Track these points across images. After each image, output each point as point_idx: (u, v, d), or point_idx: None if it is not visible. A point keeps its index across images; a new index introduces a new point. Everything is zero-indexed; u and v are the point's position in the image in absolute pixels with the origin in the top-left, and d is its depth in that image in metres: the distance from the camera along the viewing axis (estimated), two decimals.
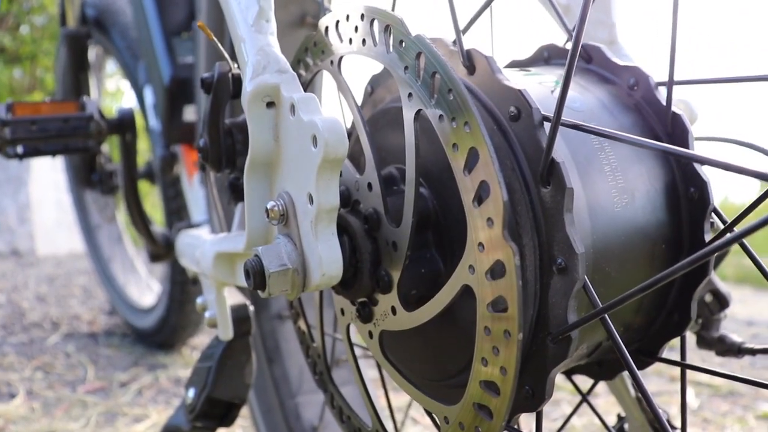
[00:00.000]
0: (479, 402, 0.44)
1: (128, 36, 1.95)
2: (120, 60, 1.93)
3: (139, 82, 1.70)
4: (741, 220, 0.53)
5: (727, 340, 0.69)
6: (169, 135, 1.52)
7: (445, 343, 0.54)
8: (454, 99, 0.42)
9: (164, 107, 1.48)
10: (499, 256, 0.40)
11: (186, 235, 1.18)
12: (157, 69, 1.48)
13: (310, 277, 0.52)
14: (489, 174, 0.40)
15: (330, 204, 0.49)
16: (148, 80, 1.61)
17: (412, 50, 0.46)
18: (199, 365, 0.86)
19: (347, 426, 0.65)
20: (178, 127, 1.51)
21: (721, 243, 0.40)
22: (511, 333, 0.40)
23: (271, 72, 0.54)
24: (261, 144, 0.55)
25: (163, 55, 1.47)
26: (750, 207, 0.52)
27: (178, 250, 1.19)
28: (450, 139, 0.43)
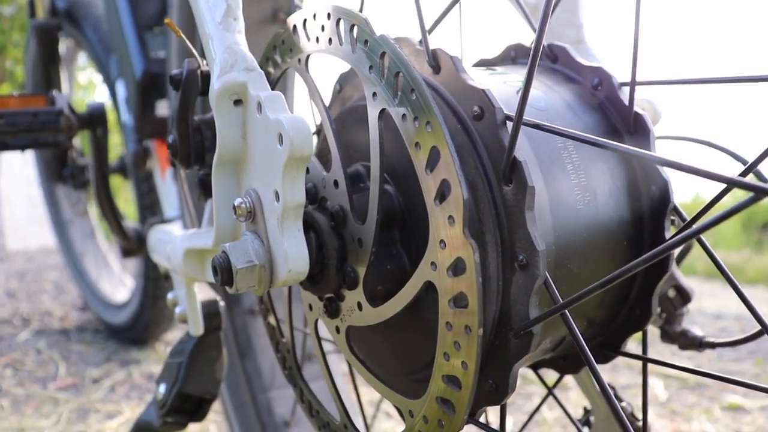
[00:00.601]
0: (442, 396, 0.45)
1: (101, 29, 1.93)
2: (92, 53, 1.91)
3: (112, 76, 1.68)
4: (700, 217, 0.55)
5: (689, 334, 0.71)
6: (141, 130, 1.51)
7: (409, 338, 0.55)
8: (416, 99, 0.43)
9: (136, 102, 1.46)
10: (460, 253, 0.41)
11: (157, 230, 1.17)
12: (129, 63, 1.47)
13: (277, 274, 0.52)
14: (450, 173, 0.41)
15: (296, 201, 0.50)
16: (121, 74, 1.59)
17: (377, 50, 0.47)
18: (169, 361, 0.86)
19: (316, 420, 0.65)
20: (150, 122, 1.49)
21: (679, 239, 0.42)
22: (472, 328, 0.41)
23: (239, 70, 0.54)
24: (228, 141, 0.55)
25: (135, 50, 1.45)
26: (708, 205, 0.53)
27: (149, 246, 1.18)
28: (413, 138, 0.44)
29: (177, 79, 0.65)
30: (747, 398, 1.77)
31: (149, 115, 1.48)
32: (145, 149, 1.57)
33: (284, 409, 1.10)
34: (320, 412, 0.65)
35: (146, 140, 1.56)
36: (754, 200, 0.37)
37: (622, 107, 0.58)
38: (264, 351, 1.13)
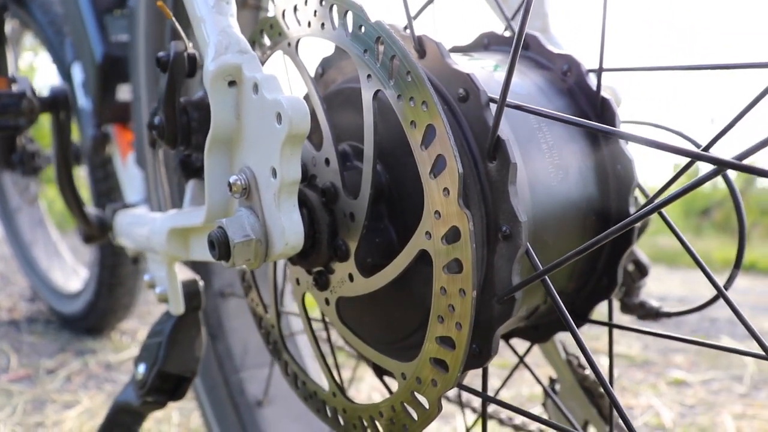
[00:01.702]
0: (435, 357, 0.49)
1: (51, 11, 1.88)
2: (41, 35, 1.86)
3: (67, 59, 1.64)
4: (661, 194, 0.60)
5: (646, 305, 0.77)
6: (100, 114, 1.49)
7: (395, 308, 0.58)
8: (412, 80, 0.46)
9: (96, 86, 1.44)
10: (455, 222, 0.45)
11: (126, 214, 1.17)
12: (89, 46, 1.44)
13: (273, 247, 0.55)
14: (445, 148, 0.45)
15: (292, 177, 0.52)
16: (77, 57, 1.56)
17: (372, 35, 0.49)
18: (148, 341, 0.87)
19: (302, 391, 0.68)
20: (110, 107, 1.47)
21: (644, 212, 0.46)
22: (466, 291, 0.45)
23: (233, 52, 0.56)
24: (223, 121, 0.57)
25: (94, 33, 1.43)
26: (669, 182, 0.59)
27: (117, 230, 1.18)
28: (408, 117, 0.47)
29: (164, 61, 0.66)
30: (689, 373, 1.89)
31: (109, 100, 1.46)
32: (104, 134, 1.55)
33: (256, 389, 1.12)
34: (306, 382, 0.68)
35: (105, 125, 1.54)
36: (716, 173, 0.41)
37: (589, 92, 0.63)
38: (234, 332, 1.15)
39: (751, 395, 1.73)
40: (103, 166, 1.93)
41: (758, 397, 1.71)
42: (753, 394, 1.73)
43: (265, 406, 1.11)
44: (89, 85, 1.50)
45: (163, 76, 0.67)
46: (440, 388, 0.50)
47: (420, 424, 0.53)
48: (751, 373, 1.87)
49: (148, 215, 0.90)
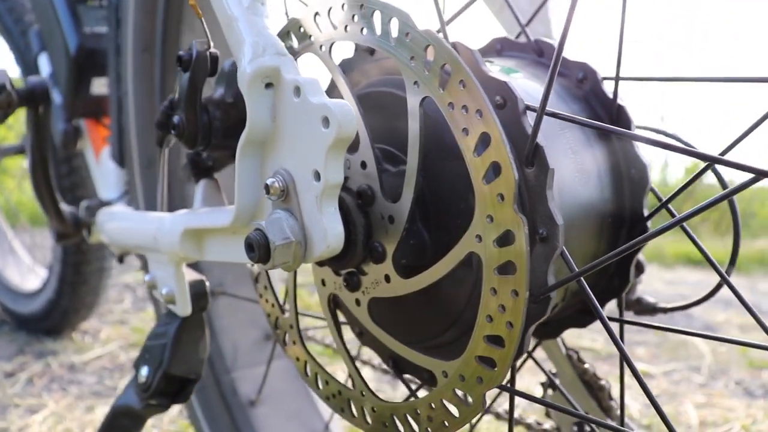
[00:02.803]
0: (482, 355, 0.51)
1: None
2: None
3: (32, 49, 1.58)
4: (674, 198, 0.64)
5: (643, 301, 0.81)
6: (72, 108, 1.44)
7: (427, 307, 0.59)
8: (465, 89, 0.48)
9: (69, 79, 1.39)
10: (509, 226, 0.47)
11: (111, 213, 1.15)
12: (61, 37, 1.39)
13: (312, 249, 0.55)
14: (501, 156, 0.46)
15: (336, 180, 0.53)
16: (46, 48, 1.50)
17: (420, 42, 0.51)
18: (151, 343, 0.85)
19: (324, 390, 0.69)
20: (84, 100, 1.43)
21: (672, 223, 0.49)
22: (519, 292, 0.47)
23: (271, 54, 0.56)
24: (259, 123, 0.57)
25: (67, 23, 1.38)
26: (683, 186, 0.62)
27: (100, 229, 1.15)
28: (460, 124, 0.49)
29: (186, 60, 0.65)
30: (651, 365, 1.97)
31: (83, 93, 1.42)
32: (76, 129, 1.50)
33: (249, 389, 1.11)
34: (330, 381, 0.68)
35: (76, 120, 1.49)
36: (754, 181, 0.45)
37: (605, 99, 0.65)
38: (225, 333, 1.14)
39: (709, 385, 1.82)
40: (68, 161, 1.87)
41: (716, 387, 1.81)
42: (711, 384, 1.83)
43: (257, 406, 1.10)
44: (60, 77, 1.45)
45: (182, 74, 0.66)
46: (486, 385, 0.51)
47: (461, 420, 0.54)
48: (708, 363, 1.97)
49: (146, 215, 0.88)
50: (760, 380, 1.84)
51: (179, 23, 1.04)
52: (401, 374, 0.71)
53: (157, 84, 1.08)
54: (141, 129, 1.12)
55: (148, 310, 2.45)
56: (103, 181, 1.44)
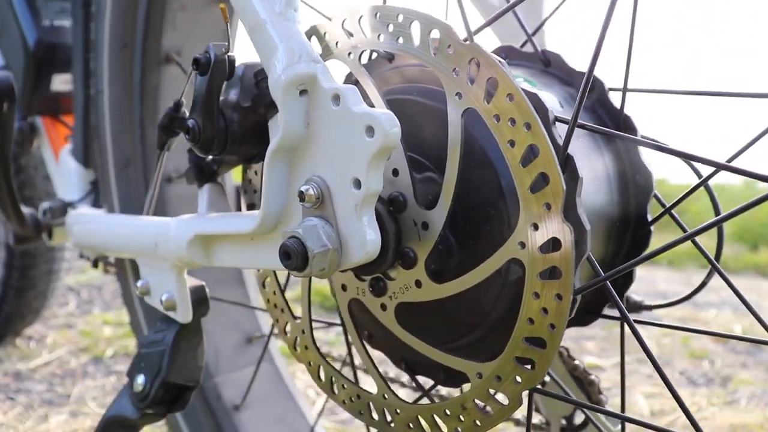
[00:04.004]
0: (522, 356, 0.53)
1: None
2: None
3: None
4: (677, 204, 0.68)
5: (630, 299, 0.85)
6: (29, 105, 1.37)
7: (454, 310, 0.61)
8: (514, 103, 0.50)
9: (28, 74, 1.32)
10: (556, 234, 0.49)
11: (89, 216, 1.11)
12: (17, 29, 1.32)
13: (349, 257, 0.56)
14: (549, 167, 0.49)
15: (377, 188, 0.54)
16: None
17: (465, 55, 0.52)
18: (146, 351, 0.83)
19: (341, 395, 0.69)
20: (42, 97, 1.36)
21: (687, 235, 0.53)
22: (563, 296, 0.49)
23: (307, 61, 0.56)
24: (293, 130, 0.57)
25: (25, 16, 1.31)
26: (685, 194, 0.67)
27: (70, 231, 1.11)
28: (506, 137, 0.50)
29: (204, 63, 0.64)
30: (601, 358, 2.06)
31: (42, 90, 1.35)
32: (32, 126, 1.43)
33: (233, 394, 1.10)
34: (347, 385, 0.69)
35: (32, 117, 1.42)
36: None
37: (611, 109, 0.69)
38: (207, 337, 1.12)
39: (656, 376, 1.92)
40: (15, 160, 1.78)
41: None
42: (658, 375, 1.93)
43: (242, 410, 1.09)
44: (16, 73, 1.38)
45: (197, 77, 0.65)
46: (524, 385, 0.53)
47: (494, 420, 0.56)
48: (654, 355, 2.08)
49: (141, 219, 0.86)
50: (701, 370, 1.96)
51: (161, 20, 1.01)
52: (414, 375, 0.72)
53: (136, 82, 1.04)
54: (117, 129, 1.08)
55: (95, 313, 2.36)
56: (64, 182, 1.38)
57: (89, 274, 2.69)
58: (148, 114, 1.06)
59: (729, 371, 1.94)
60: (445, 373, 0.68)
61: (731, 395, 1.78)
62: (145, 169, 1.09)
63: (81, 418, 1.62)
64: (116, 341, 2.07)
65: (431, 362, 0.68)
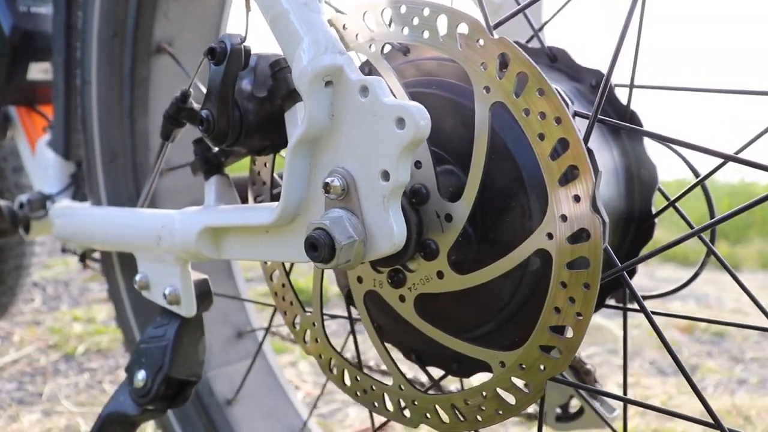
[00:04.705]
0: (547, 344, 0.54)
1: None
2: None
3: None
4: (681, 198, 0.70)
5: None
6: (4, 94, 1.32)
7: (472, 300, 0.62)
8: (544, 98, 0.51)
9: (2, 62, 1.28)
10: (585, 225, 0.50)
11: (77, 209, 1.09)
12: None
13: (375, 248, 0.56)
14: (579, 160, 0.50)
15: (405, 180, 0.54)
16: None
17: (493, 50, 0.53)
18: (147, 346, 0.82)
19: (353, 387, 0.70)
20: (18, 87, 1.32)
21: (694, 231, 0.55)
22: (591, 284, 0.51)
23: (333, 53, 0.56)
24: (317, 122, 0.57)
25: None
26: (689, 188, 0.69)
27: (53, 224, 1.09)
28: (536, 130, 0.52)
29: (220, 53, 0.63)
30: None
31: (18, 79, 1.31)
32: (6, 116, 1.38)
33: (225, 388, 1.09)
34: (360, 378, 0.69)
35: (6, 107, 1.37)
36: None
37: (618, 105, 0.71)
38: None
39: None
40: None
41: (633, 367, 1.97)
42: (629, 365, 1.99)
43: (234, 405, 1.08)
44: None
45: (213, 67, 0.64)
46: (548, 373, 0.55)
47: (516, 408, 0.57)
48: None
49: (140, 212, 0.84)
50: (670, 360, 2.03)
51: (153, 10, 0.99)
52: (425, 367, 0.73)
53: (126, 73, 1.02)
54: (105, 121, 1.05)
55: (63, 309, 2.30)
56: (41, 174, 1.34)
57: (54, 270, 2.61)
58: (138, 105, 1.04)
59: (696, 360, 2.02)
60: (458, 363, 0.69)
61: (699, 383, 1.84)
62: (134, 162, 1.06)
63: (55, 417, 1.58)
64: (87, 338, 2.02)
65: (443, 353, 0.69)
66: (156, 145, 1.07)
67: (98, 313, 2.21)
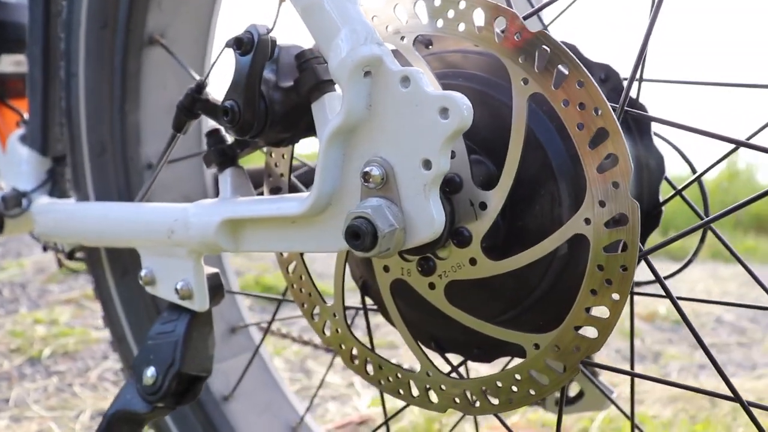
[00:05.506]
0: (583, 325, 0.56)
1: None
2: None
3: None
4: (687, 187, 0.74)
5: None
6: None
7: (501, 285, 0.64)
8: (584, 89, 0.53)
9: None
10: (623, 210, 0.53)
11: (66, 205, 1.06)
12: None
13: (415, 235, 0.57)
14: (619, 149, 0.52)
15: (446, 168, 0.55)
16: None
17: (535, 43, 0.55)
18: (155, 342, 0.80)
19: (376, 376, 0.71)
20: None
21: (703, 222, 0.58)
22: (629, 267, 0.53)
23: (372, 43, 0.57)
24: (356, 112, 0.57)
25: None
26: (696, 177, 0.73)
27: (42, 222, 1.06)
28: (575, 120, 0.54)
29: (248, 43, 0.63)
30: None
31: None
32: None
33: (221, 385, 1.08)
34: (384, 366, 0.70)
35: None
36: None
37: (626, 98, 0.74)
38: None
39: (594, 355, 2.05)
40: None
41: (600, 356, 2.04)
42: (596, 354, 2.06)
43: (230, 401, 1.07)
44: None
45: (240, 58, 0.64)
46: (583, 353, 0.57)
47: (549, 388, 0.60)
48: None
49: (144, 206, 0.83)
50: (637, 348, 2.11)
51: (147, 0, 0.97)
52: (444, 353, 0.74)
53: (117, 65, 0.99)
54: (94, 114, 1.02)
55: (22, 312, 2.21)
56: (14, 171, 1.28)
57: (9, 272, 2.51)
58: (130, 99, 1.02)
59: (658, 347, 2.10)
60: (479, 349, 0.71)
61: (663, 369, 1.93)
62: (125, 157, 1.04)
63: (25, 422, 1.52)
64: (52, 340, 1.95)
65: (465, 340, 0.71)
66: (148, 139, 1.04)
67: (61, 315, 2.13)
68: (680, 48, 10.90)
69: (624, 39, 0.71)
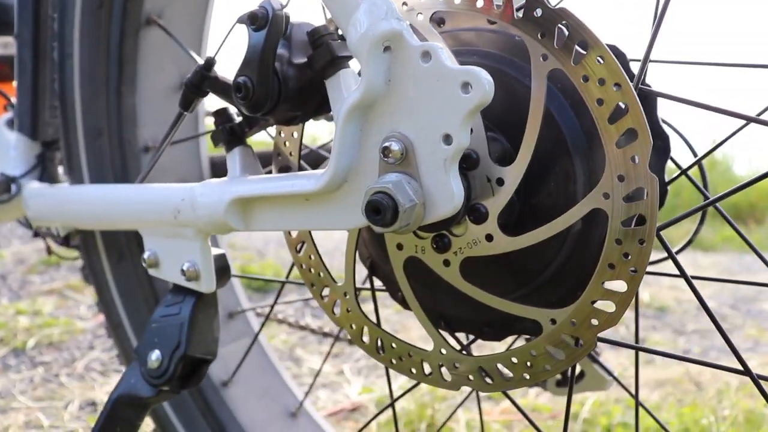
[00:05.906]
0: (600, 299, 0.57)
1: None
2: None
3: None
4: (693, 167, 0.75)
5: None
6: None
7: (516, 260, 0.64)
8: (604, 65, 0.53)
9: None
10: (642, 184, 0.53)
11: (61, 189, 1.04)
12: None
13: (435, 210, 0.57)
14: (638, 123, 0.53)
15: (466, 143, 0.55)
16: None
17: (554, 19, 0.55)
18: (159, 325, 0.80)
19: (389, 354, 0.71)
20: None
21: (709, 201, 0.59)
22: (646, 240, 0.54)
23: (392, 18, 0.56)
24: (375, 87, 0.57)
25: None
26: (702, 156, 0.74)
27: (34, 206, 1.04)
28: (594, 95, 0.54)
29: (262, 18, 0.63)
30: None
31: None
32: None
33: (220, 370, 1.07)
34: (396, 344, 0.70)
35: None
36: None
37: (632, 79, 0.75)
38: None
39: None
40: None
41: None
42: None
43: (230, 387, 1.07)
44: None
45: (254, 33, 0.63)
46: (600, 327, 0.58)
47: (565, 363, 0.60)
48: None
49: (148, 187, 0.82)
50: (620, 334, 2.14)
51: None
52: (453, 332, 0.75)
53: (113, 46, 0.97)
54: (89, 96, 1.00)
55: (4, 303, 2.17)
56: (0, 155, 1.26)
57: None
58: (126, 80, 1.00)
59: (643, 334, 2.14)
60: (489, 326, 0.71)
61: (648, 356, 1.96)
62: (121, 139, 1.02)
63: (12, 413, 1.50)
64: (36, 331, 1.91)
65: (475, 318, 0.72)
66: (146, 122, 1.03)
67: (44, 306, 2.10)
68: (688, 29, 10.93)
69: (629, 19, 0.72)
